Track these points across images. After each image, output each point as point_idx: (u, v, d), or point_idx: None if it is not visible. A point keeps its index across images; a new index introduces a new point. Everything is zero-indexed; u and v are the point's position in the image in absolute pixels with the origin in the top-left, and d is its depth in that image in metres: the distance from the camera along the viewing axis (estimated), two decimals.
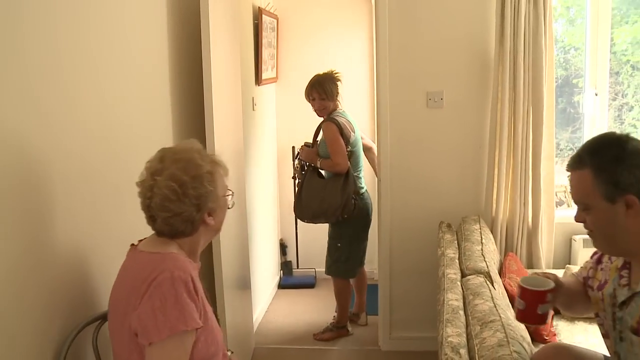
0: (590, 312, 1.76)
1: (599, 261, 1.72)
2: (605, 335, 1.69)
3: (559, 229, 3.29)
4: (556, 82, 3.26)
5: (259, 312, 4.02)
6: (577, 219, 1.58)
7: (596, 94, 3.35)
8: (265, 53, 4.20)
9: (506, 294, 2.46)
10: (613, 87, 3.52)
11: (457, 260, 2.55)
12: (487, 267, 2.43)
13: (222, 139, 2.85)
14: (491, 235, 2.96)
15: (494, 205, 3.21)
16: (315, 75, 3.59)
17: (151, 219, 1.63)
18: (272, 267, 4.61)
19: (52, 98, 1.66)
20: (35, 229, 1.57)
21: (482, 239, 2.80)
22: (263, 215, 4.23)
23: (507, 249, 3.23)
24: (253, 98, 3.98)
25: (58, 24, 1.70)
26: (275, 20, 4.46)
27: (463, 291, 2.19)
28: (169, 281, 1.49)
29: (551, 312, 1.63)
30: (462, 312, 1.97)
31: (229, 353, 1.90)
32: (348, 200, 3.47)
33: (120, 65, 2.11)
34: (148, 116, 2.39)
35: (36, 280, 1.56)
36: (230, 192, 1.78)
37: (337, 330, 3.75)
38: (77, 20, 1.80)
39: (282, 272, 4.82)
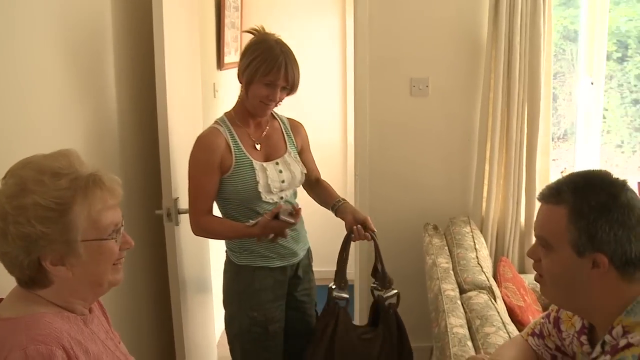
0: None
1: (558, 327, 1.37)
2: None
3: None
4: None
5: (222, 319, 3.64)
6: (531, 254, 1.26)
7: (592, 83, 3.07)
8: (228, 34, 3.79)
9: (506, 310, 2.16)
10: None
11: (451, 272, 2.23)
12: (488, 280, 2.12)
13: (177, 131, 2.45)
14: (483, 239, 2.66)
15: (484, 204, 2.90)
16: (276, 37, 2.25)
17: None
18: None
19: None
20: None
21: (475, 244, 2.50)
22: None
23: (497, 252, 2.93)
24: (214, 84, 3.58)
25: None
26: None
27: (466, 313, 1.87)
28: None
29: None
30: (470, 344, 1.65)
31: None
32: None
33: (53, 44, 1.70)
34: (84, 107, 1.98)
35: None
36: (114, 235, 1.20)
37: None
38: None
39: None
